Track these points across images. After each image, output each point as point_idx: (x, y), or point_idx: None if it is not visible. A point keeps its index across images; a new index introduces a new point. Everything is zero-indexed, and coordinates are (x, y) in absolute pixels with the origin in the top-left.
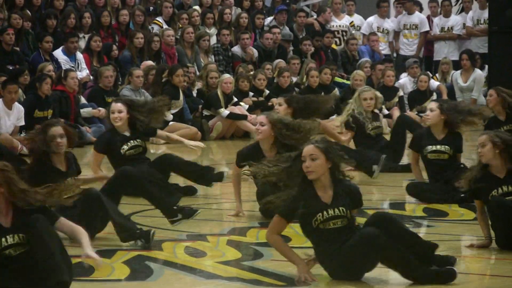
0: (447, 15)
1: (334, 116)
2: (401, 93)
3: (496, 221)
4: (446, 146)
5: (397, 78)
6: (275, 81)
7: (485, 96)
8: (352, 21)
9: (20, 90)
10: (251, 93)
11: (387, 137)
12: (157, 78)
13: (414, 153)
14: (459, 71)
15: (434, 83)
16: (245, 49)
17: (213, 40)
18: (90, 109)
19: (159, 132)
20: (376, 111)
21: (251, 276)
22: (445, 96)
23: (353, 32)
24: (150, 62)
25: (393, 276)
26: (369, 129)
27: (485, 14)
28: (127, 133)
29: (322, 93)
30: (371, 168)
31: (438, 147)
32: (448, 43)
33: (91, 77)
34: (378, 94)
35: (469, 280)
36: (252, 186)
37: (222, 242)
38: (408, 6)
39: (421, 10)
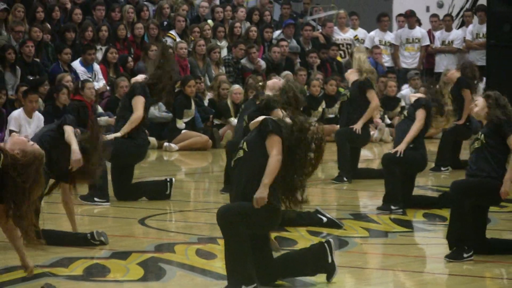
0: (448, 29)
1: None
2: (403, 103)
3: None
4: None
5: (399, 89)
6: None
7: None
8: (356, 35)
9: (40, 100)
10: None
11: (390, 146)
12: (170, 89)
13: None
14: None
15: None
16: (253, 62)
17: (224, 52)
18: (106, 118)
19: None
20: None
21: None
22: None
23: (357, 45)
24: None
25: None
26: None
27: (484, 28)
28: None
29: (324, 102)
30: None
31: None
32: (448, 56)
33: (108, 87)
34: None
35: (467, 282)
36: None
37: None
38: (411, 20)
39: (420, 24)
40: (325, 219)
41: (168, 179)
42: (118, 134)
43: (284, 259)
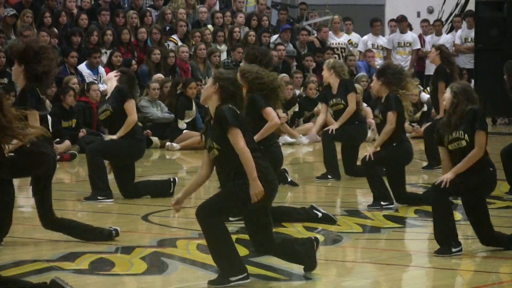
0: (438, 34)
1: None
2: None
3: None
4: None
5: None
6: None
7: None
8: (350, 39)
9: (47, 101)
10: None
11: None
12: (172, 90)
13: None
14: None
15: (425, 96)
16: None
17: (223, 55)
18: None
19: None
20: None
21: (258, 271)
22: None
23: (351, 49)
24: (160, 75)
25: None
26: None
27: (472, 33)
28: None
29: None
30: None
31: None
32: None
33: None
34: None
35: (454, 276)
36: None
37: None
38: (402, 25)
39: (411, 29)
40: (320, 214)
41: (172, 179)
42: (114, 137)
43: (282, 241)
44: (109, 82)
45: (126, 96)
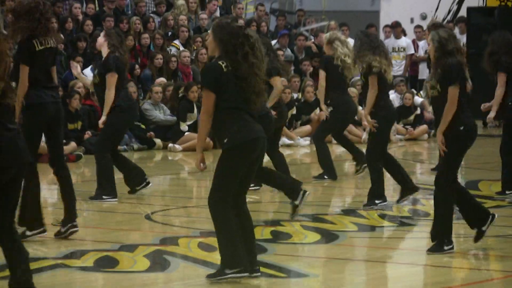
0: None
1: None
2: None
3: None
4: None
5: None
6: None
7: None
8: None
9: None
10: None
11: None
12: (174, 94)
13: None
14: None
15: (418, 99)
16: None
17: None
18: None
19: None
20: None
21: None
22: (428, 110)
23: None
24: (163, 79)
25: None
26: None
27: (464, 38)
28: None
29: (318, 108)
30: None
31: None
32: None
33: None
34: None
35: (446, 273)
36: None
37: None
38: (397, 31)
39: (405, 34)
40: (297, 203)
41: (147, 182)
42: (103, 119)
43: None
44: (102, 48)
45: (109, 70)
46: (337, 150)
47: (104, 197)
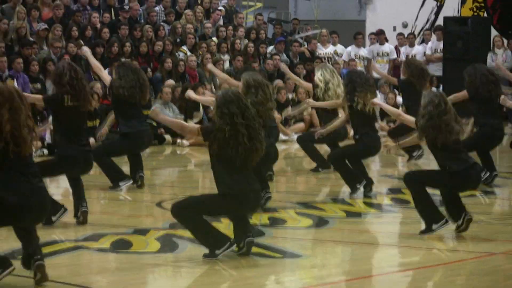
0: (411, 45)
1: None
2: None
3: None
4: None
5: None
6: (274, 97)
7: None
8: (335, 50)
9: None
10: None
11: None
12: (182, 94)
13: None
14: None
15: (400, 99)
16: None
17: (226, 64)
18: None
19: None
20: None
21: (256, 250)
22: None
23: (337, 58)
24: (172, 81)
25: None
26: None
27: (441, 44)
28: None
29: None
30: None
31: None
32: None
33: None
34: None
35: (425, 253)
36: None
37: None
38: (381, 38)
39: (387, 41)
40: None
41: (139, 177)
42: (101, 132)
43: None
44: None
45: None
46: (325, 147)
47: (120, 183)
